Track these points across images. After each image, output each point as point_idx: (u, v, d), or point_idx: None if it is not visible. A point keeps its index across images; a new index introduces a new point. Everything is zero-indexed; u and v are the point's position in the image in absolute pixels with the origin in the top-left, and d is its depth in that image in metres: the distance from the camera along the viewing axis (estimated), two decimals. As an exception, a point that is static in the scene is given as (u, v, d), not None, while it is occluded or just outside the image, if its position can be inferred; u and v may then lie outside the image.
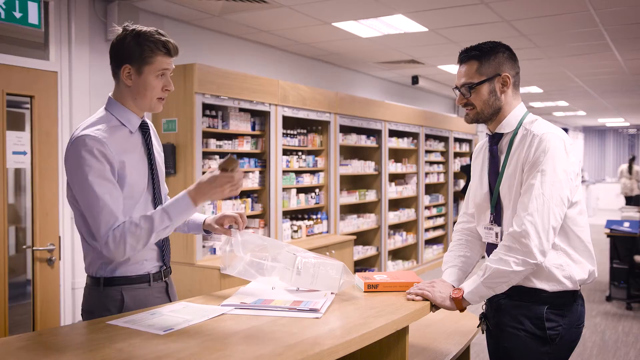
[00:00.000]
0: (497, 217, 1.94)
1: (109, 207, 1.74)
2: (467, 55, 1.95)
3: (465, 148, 9.72)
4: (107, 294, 1.86)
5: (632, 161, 13.35)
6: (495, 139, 1.98)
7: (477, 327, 2.09)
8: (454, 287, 1.97)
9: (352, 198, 6.40)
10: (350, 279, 2.00)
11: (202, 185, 1.81)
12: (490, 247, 1.97)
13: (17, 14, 3.38)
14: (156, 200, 1.94)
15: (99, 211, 1.73)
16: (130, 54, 1.82)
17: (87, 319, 1.87)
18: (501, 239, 1.91)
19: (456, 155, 9.39)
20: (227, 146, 4.60)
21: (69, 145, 1.79)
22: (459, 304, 1.87)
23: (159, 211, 1.78)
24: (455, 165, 9.24)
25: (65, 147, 1.83)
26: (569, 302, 1.86)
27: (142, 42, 1.81)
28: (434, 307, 1.92)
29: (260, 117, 4.99)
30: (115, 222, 1.74)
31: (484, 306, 2.06)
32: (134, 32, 1.82)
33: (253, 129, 4.90)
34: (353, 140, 6.34)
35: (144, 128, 1.94)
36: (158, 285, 1.96)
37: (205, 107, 4.41)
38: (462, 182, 9.43)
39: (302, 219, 5.66)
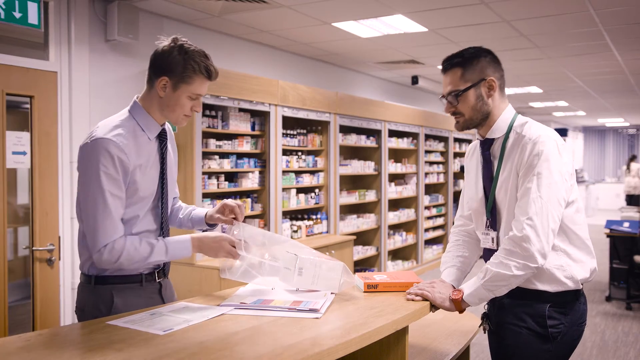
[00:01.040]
0: (493, 222, 1.94)
1: (114, 220, 1.79)
2: (450, 63, 1.94)
3: (465, 148, 9.72)
4: (98, 292, 1.89)
5: (630, 160, 13.43)
6: (487, 144, 1.97)
7: (479, 326, 2.09)
8: (454, 287, 1.97)
9: (352, 198, 6.40)
10: (350, 279, 2.00)
11: (207, 240, 1.92)
12: (487, 253, 1.97)
13: (17, 14, 3.38)
14: (163, 206, 1.98)
15: (103, 220, 1.77)
16: (172, 68, 1.82)
17: (79, 316, 1.94)
18: (497, 244, 1.91)
19: (456, 155, 9.39)
20: (226, 146, 4.60)
21: (88, 145, 1.78)
22: (459, 305, 1.87)
23: (162, 244, 1.86)
24: (455, 165, 9.24)
25: (79, 146, 1.84)
26: (571, 300, 1.87)
27: (187, 60, 1.82)
28: (434, 307, 1.92)
29: (260, 117, 4.99)
30: (114, 234, 1.79)
31: (486, 306, 2.07)
32: (182, 49, 1.84)
33: (253, 129, 4.91)
34: (353, 140, 6.35)
35: (161, 137, 1.96)
36: (150, 286, 1.96)
37: (205, 107, 4.41)
38: (461, 183, 9.44)
39: (302, 219, 5.66)
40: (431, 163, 8.39)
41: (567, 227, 1.85)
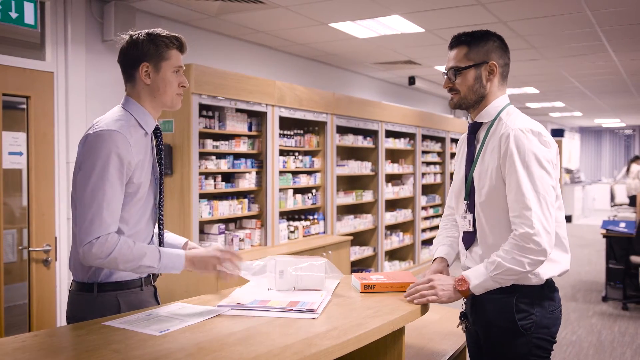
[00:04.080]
0: (470, 205, 1.96)
1: (112, 213, 1.74)
2: (457, 40, 1.97)
3: (461, 149, 9.72)
4: (103, 299, 1.84)
5: (631, 161, 13.44)
6: (474, 127, 2.00)
7: (457, 326, 2.09)
8: (448, 275, 2.00)
9: (349, 199, 6.40)
10: (336, 274, 2.02)
11: (197, 257, 1.86)
12: (466, 236, 1.98)
13: (13, 14, 3.37)
14: (160, 208, 1.97)
15: (101, 211, 1.71)
16: (147, 52, 1.86)
17: None
18: (474, 227, 1.93)
19: (453, 155, 9.39)
20: (223, 147, 4.60)
21: (90, 136, 1.76)
22: (465, 294, 1.88)
23: (156, 251, 1.79)
24: (452, 165, 9.25)
25: (81, 141, 1.81)
26: (537, 292, 1.88)
27: (156, 40, 1.86)
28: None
29: (257, 118, 4.99)
30: (108, 229, 1.73)
31: (464, 305, 2.07)
32: (146, 33, 1.88)
33: (250, 129, 4.90)
34: (350, 140, 6.35)
35: (157, 132, 1.96)
36: (148, 290, 1.97)
37: (202, 107, 4.40)
38: (458, 183, 9.45)
39: (299, 219, 5.66)
40: (428, 163, 8.40)
41: None
